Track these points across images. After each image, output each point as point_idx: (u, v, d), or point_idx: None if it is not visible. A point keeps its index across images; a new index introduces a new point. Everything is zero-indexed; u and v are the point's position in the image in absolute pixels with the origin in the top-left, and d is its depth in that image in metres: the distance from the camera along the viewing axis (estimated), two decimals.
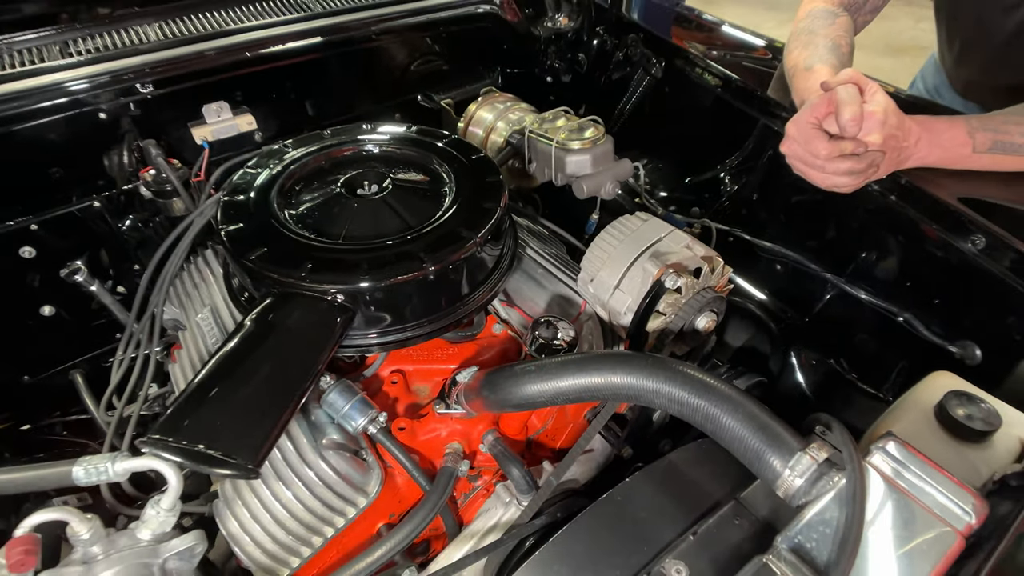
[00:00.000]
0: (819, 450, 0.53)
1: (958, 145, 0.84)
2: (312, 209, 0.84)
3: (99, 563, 0.60)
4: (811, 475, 0.52)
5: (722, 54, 1.23)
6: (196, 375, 0.64)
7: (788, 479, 0.52)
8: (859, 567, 0.46)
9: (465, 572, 0.82)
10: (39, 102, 0.95)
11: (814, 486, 0.52)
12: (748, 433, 0.55)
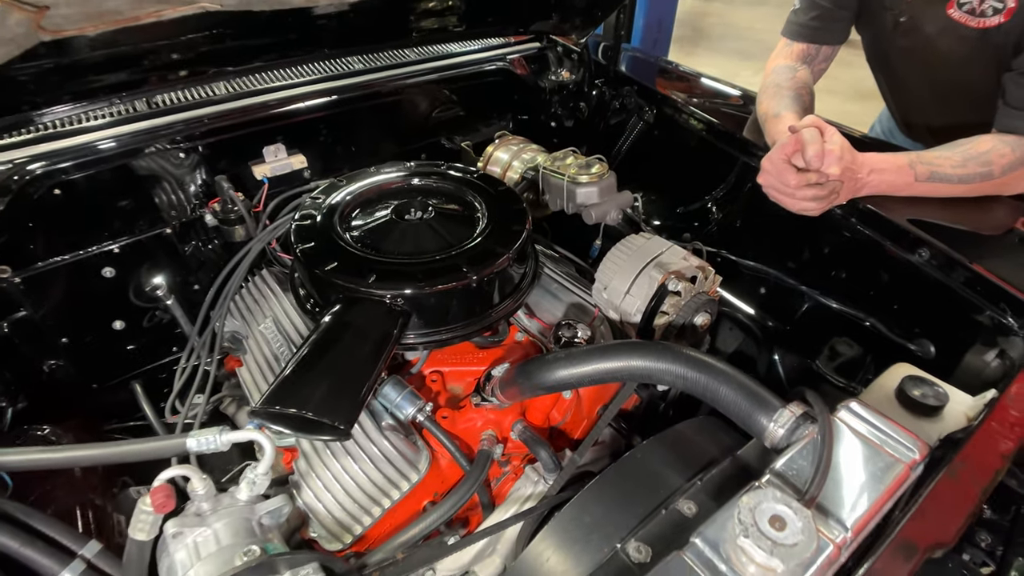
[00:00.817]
0: (796, 407, 0.68)
1: (903, 176, 1.02)
2: (368, 231, 1.00)
3: (210, 516, 0.72)
4: (790, 425, 0.66)
5: (702, 101, 1.42)
6: (289, 361, 0.78)
7: (773, 430, 0.67)
8: (829, 489, 0.60)
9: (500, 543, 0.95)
10: (128, 146, 1.11)
11: (793, 434, 0.66)
12: (740, 398, 0.70)
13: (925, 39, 1.16)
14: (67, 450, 0.75)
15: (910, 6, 1.16)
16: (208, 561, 0.68)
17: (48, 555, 0.72)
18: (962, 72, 1.18)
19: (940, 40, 1.14)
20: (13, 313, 1.09)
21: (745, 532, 0.52)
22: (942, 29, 1.12)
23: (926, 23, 1.14)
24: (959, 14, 1.09)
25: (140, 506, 0.67)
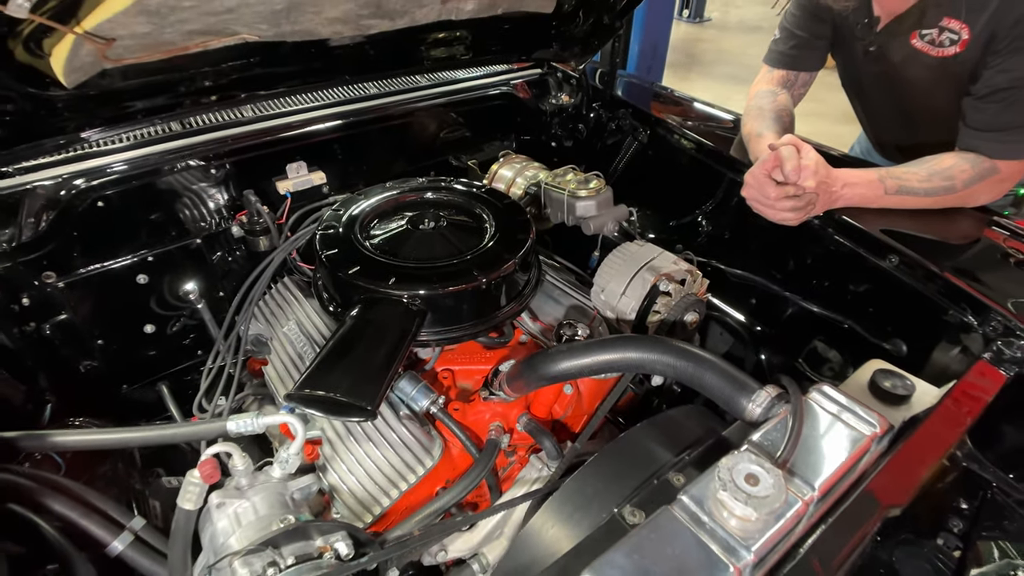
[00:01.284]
0: (772, 389, 0.76)
1: (874, 189, 1.13)
2: (386, 239, 1.09)
3: (248, 491, 0.80)
4: (767, 404, 0.75)
5: (693, 123, 1.53)
6: (319, 353, 0.87)
7: (751, 408, 0.75)
8: (799, 456, 0.68)
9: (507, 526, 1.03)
10: (164, 163, 1.21)
11: (769, 411, 0.75)
12: (723, 382, 0.79)
13: (892, 67, 1.28)
14: (120, 432, 0.83)
15: (878, 36, 1.27)
16: (248, 528, 0.76)
17: (102, 526, 0.79)
18: (926, 97, 1.29)
19: (906, 68, 1.25)
20: (55, 316, 1.18)
21: (724, 487, 0.60)
22: (906, 57, 1.23)
23: (893, 52, 1.25)
24: (921, 44, 1.20)
25: (188, 478, 0.75)
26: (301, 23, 0.96)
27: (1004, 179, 1.14)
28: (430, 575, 1.04)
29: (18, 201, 1.10)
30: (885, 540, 0.77)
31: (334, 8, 0.95)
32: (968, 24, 1.12)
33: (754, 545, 0.59)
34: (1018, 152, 1.14)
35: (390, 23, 1.09)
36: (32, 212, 1.11)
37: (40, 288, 1.14)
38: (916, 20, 1.18)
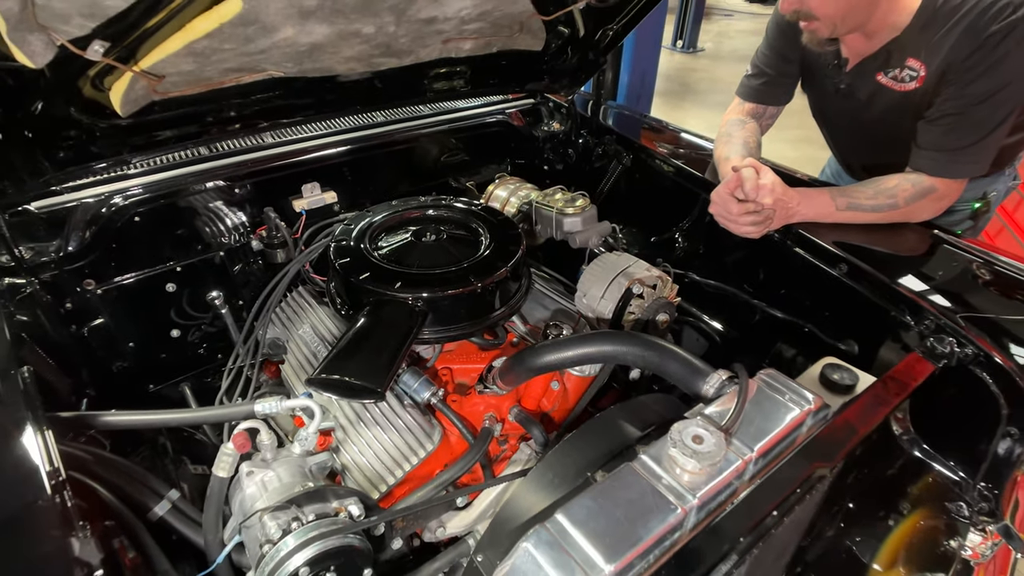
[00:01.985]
0: (724, 372, 0.89)
1: (825, 206, 1.27)
2: (393, 249, 1.23)
3: (273, 463, 0.92)
4: (719, 384, 0.88)
5: (672, 148, 1.69)
6: (335, 345, 1.00)
7: (706, 388, 0.88)
8: (743, 426, 0.81)
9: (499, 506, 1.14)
10: (192, 183, 1.35)
11: (721, 391, 0.87)
12: (683, 367, 0.92)
13: (860, 100, 1.42)
14: (163, 413, 0.95)
15: (848, 75, 1.42)
16: (273, 493, 0.88)
17: (144, 494, 0.91)
18: (889, 125, 1.43)
19: (872, 101, 1.39)
20: (93, 320, 1.31)
21: (675, 445, 0.73)
22: (873, 92, 1.37)
23: (861, 88, 1.40)
24: (886, 80, 1.34)
25: (223, 449, 0.87)
26: (321, 62, 1.11)
27: (942, 197, 1.28)
28: (429, 551, 1.15)
29: (65, 216, 1.23)
30: (840, 517, 0.90)
31: (350, 49, 1.10)
32: (925, 63, 1.27)
33: (698, 492, 0.71)
34: (955, 172, 1.28)
35: (397, 61, 1.24)
36: (77, 226, 1.25)
37: (81, 294, 1.28)
38: (883, 61, 1.33)
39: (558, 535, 0.66)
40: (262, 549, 0.80)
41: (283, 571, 0.77)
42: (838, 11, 1.23)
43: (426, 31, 1.14)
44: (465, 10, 1.11)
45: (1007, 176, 1.65)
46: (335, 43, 1.06)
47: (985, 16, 1.17)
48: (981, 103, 1.23)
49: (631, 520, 0.68)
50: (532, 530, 0.67)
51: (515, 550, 0.66)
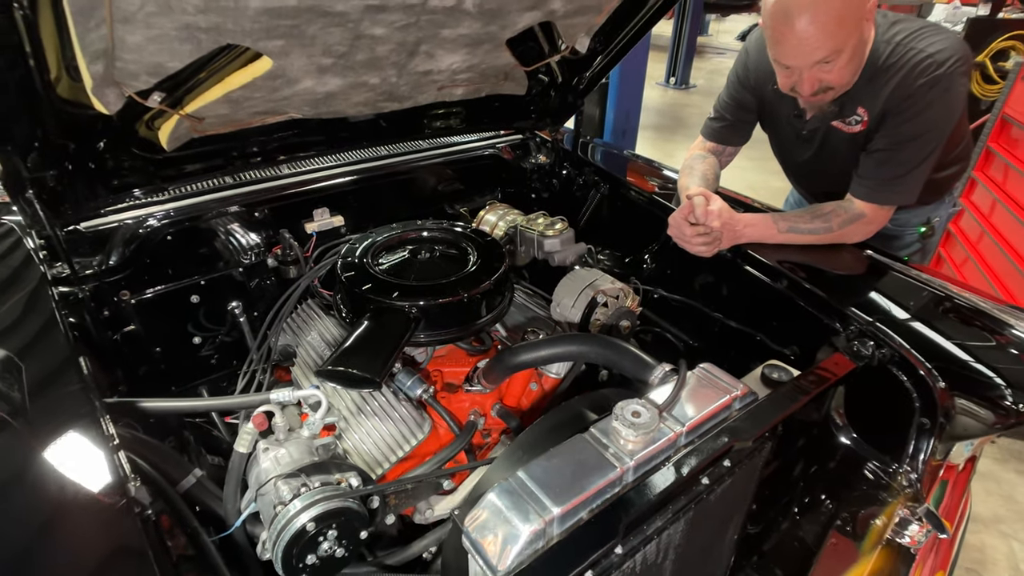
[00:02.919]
0: (668, 365, 1.06)
1: (769, 229, 1.45)
2: (392, 265, 1.41)
3: (285, 443, 1.08)
4: (663, 375, 1.04)
5: (643, 179, 1.88)
6: (340, 344, 1.17)
7: (652, 378, 1.05)
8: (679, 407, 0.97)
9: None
10: (217, 207, 1.54)
11: (664, 380, 1.04)
12: (634, 362, 1.09)
13: (819, 142, 1.61)
14: (193, 400, 1.12)
15: (809, 123, 1.60)
16: (285, 467, 1.03)
17: (173, 470, 1.07)
18: (842, 161, 1.60)
19: (827, 142, 1.59)
20: (126, 326, 1.48)
21: (617, 419, 0.89)
22: (828, 135, 1.57)
23: (819, 133, 1.59)
24: (838, 124, 1.54)
25: (244, 428, 1.04)
26: (334, 106, 1.31)
27: (870, 222, 1.47)
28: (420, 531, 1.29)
29: (107, 235, 1.42)
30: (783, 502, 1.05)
31: (358, 96, 1.30)
32: (868, 109, 1.47)
33: (635, 456, 0.87)
34: (884, 200, 1.47)
35: (399, 105, 1.44)
36: (117, 244, 1.43)
37: (117, 303, 1.45)
38: (836, 112, 1.52)
39: (518, 487, 0.82)
40: (275, 510, 0.95)
41: (292, 526, 0.93)
42: (850, 77, 1.40)
43: (423, 81, 1.35)
44: (456, 63, 1.31)
45: (947, 204, 1.84)
46: (346, 92, 1.26)
47: (915, 72, 1.36)
48: (909, 142, 1.42)
49: (578, 476, 0.84)
50: (496, 483, 0.83)
51: (483, 500, 0.82)
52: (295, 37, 0.97)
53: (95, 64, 0.85)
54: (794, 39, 1.26)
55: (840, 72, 1.34)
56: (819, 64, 1.31)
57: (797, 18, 1.23)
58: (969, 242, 3.24)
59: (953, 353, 1.20)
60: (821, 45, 1.26)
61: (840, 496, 1.29)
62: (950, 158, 1.66)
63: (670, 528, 0.92)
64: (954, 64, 1.33)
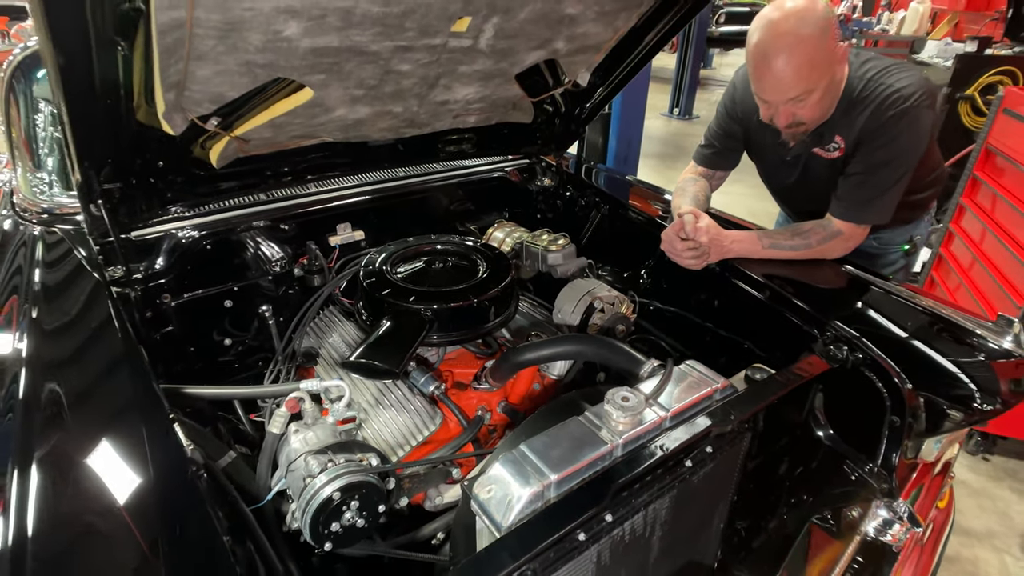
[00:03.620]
0: (656, 360, 1.19)
1: (753, 244, 1.58)
2: (409, 274, 1.55)
3: (313, 426, 1.21)
4: (651, 369, 1.17)
5: (640, 201, 2.03)
6: (362, 341, 1.30)
7: (642, 372, 1.17)
8: (665, 396, 1.09)
9: None
10: (250, 221, 1.70)
11: (653, 374, 1.16)
12: (626, 358, 1.21)
13: (802, 167, 1.75)
14: (230, 388, 1.25)
15: (792, 151, 1.73)
16: (313, 446, 1.16)
17: (213, 449, 1.20)
18: (824, 184, 1.70)
19: (810, 167, 1.72)
20: (165, 327, 1.62)
21: (608, 403, 1.01)
22: (810, 161, 1.70)
23: (801, 159, 1.73)
24: (819, 150, 1.67)
25: (277, 412, 1.17)
26: (361, 131, 1.48)
27: (848, 239, 1.60)
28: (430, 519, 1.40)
29: (153, 244, 1.57)
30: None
31: (383, 123, 1.46)
32: (844, 137, 1.61)
33: (624, 435, 0.99)
34: (860, 219, 1.60)
35: (418, 131, 1.61)
36: (161, 252, 1.58)
37: (159, 306, 1.60)
38: (817, 139, 1.65)
39: (520, 457, 0.94)
40: (304, 482, 1.08)
41: (320, 495, 1.05)
42: (823, 112, 1.54)
43: (441, 110, 1.51)
44: (470, 95, 1.47)
45: (926, 223, 1.97)
46: (373, 119, 1.42)
47: (884, 104, 1.51)
48: (881, 167, 1.56)
49: (573, 450, 0.96)
50: (501, 454, 0.95)
51: (489, 469, 0.94)
52: (334, 72, 1.13)
53: (169, 93, 1.01)
54: (771, 78, 1.42)
55: (812, 108, 1.48)
56: (793, 101, 1.46)
57: (774, 59, 1.39)
58: (961, 268, 3.35)
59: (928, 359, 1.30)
60: (794, 85, 1.42)
61: (820, 492, 1.40)
62: (925, 182, 1.80)
63: (655, 503, 1.03)
64: (919, 98, 1.48)
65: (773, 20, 1.39)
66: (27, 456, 0.86)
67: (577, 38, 1.39)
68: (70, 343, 1.12)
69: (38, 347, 1.08)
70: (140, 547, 0.79)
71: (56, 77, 0.89)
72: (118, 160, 1.17)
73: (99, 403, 1.01)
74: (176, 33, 0.89)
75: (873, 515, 1.35)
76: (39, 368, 1.04)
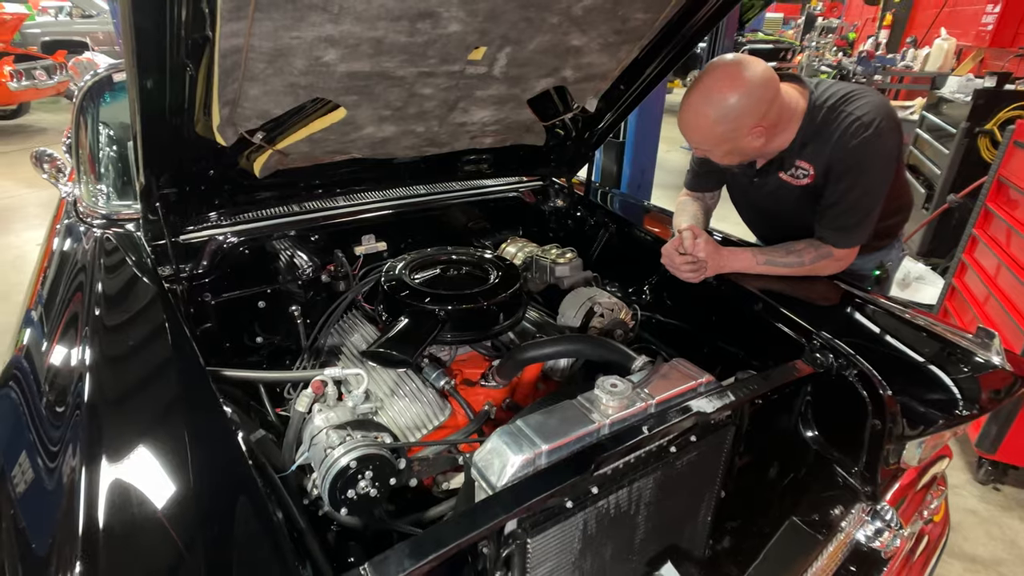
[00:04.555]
0: (647, 356, 1.29)
1: (749, 261, 1.69)
2: (426, 280, 1.69)
3: (333, 407, 1.33)
4: (641, 364, 1.27)
5: (650, 222, 2.15)
6: (382, 335, 1.43)
7: (633, 366, 1.28)
8: (653, 385, 1.19)
9: None
10: (283, 230, 1.87)
11: (643, 368, 1.27)
12: (619, 355, 1.32)
13: (770, 192, 1.84)
14: (263, 371, 1.39)
15: (758, 173, 1.77)
16: (333, 423, 1.29)
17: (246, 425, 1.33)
18: (792, 211, 1.78)
19: (777, 193, 1.81)
20: (205, 324, 1.78)
21: (599, 388, 1.12)
22: (777, 187, 1.79)
23: (769, 183, 1.82)
24: (786, 176, 1.77)
25: (303, 393, 1.30)
26: (387, 148, 1.64)
27: (839, 259, 1.69)
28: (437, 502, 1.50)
29: (198, 247, 1.75)
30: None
31: (407, 141, 1.62)
32: (812, 164, 1.70)
33: (611, 416, 1.09)
34: (847, 243, 1.69)
35: (438, 149, 1.77)
36: (205, 254, 1.76)
37: (200, 304, 1.76)
38: (780, 164, 1.72)
39: (516, 431, 1.05)
40: (325, 452, 1.20)
41: (338, 464, 1.17)
42: (727, 157, 1.65)
43: (459, 131, 1.67)
44: (486, 117, 1.63)
45: (897, 248, 2.03)
46: (398, 137, 1.58)
47: (847, 134, 1.58)
48: (859, 196, 1.63)
49: (564, 426, 1.06)
50: (500, 428, 1.06)
51: (488, 440, 1.06)
52: (366, 94, 1.30)
53: (224, 108, 1.18)
54: (683, 126, 1.58)
55: (721, 159, 1.63)
56: (701, 150, 1.63)
57: (685, 112, 1.55)
58: (976, 301, 3.36)
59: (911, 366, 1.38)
60: (698, 142, 1.60)
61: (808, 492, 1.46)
62: (894, 207, 1.84)
63: (640, 481, 1.13)
64: (880, 123, 1.55)
65: (701, 76, 1.51)
66: (98, 433, 0.98)
67: (583, 67, 1.54)
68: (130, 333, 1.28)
69: (101, 338, 1.23)
70: (202, 513, 0.87)
71: (136, 95, 1.07)
72: (176, 167, 1.34)
73: (159, 383, 1.15)
74: (234, 57, 1.06)
75: (858, 519, 1.42)
76: (105, 353, 1.19)
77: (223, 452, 0.99)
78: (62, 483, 0.91)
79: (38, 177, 2.38)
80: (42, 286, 1.55)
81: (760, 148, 1.62)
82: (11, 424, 1.12)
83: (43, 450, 1.01)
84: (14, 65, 7.94)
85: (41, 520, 0.88)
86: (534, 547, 0.99)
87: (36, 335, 1.38)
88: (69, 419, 1.03)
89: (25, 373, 1.23)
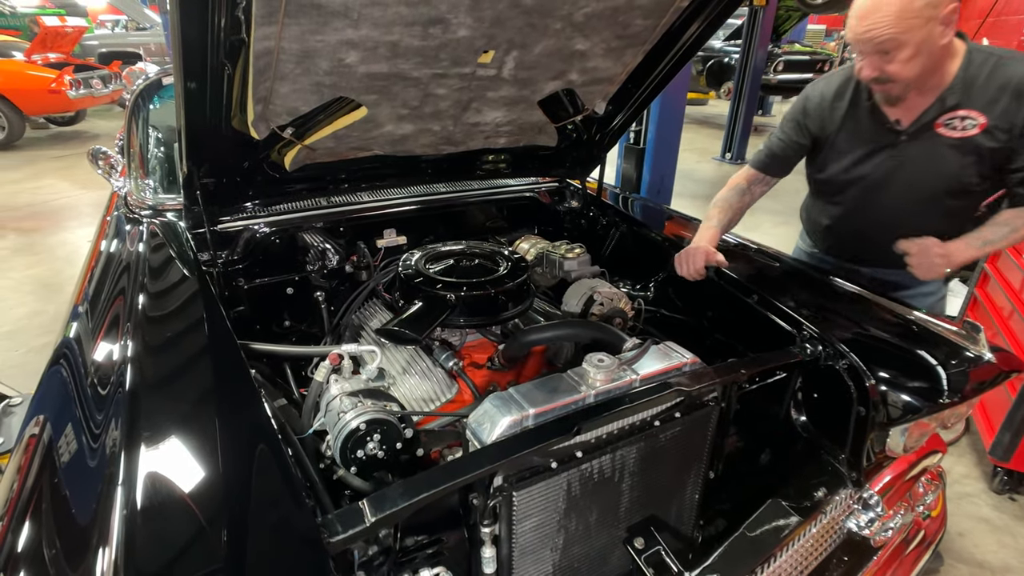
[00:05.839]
0: (638, 340, 1.38)
1: (970, 249, 1.58)
2: (440, 269, 1.81)
3: (349, 378, 1.46)
4: (633, 346, 1.36)
5: (659, 223, 2.23)
6: (397, 316, 1.55)
7: (625, 347, 1.37)
8: (640, 365, 1.27)
9: None
10: (311, 222, 2.02)
11: (633, 349, 1.35)
12: (613, 337, 1.41)
13: (918, 154, 1.58)
14: (288, 346, 1.53)
15: (906, 133, 1.58)
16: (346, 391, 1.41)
17: (268, 393, 1.47)
18: (950, 173, 1.58)
19: (934, 151, 1.56)
20: (237, 307, 1.94)
21: (587, 363, 1.21)
22: (931, 144, 1.55)
23: (918, 145, 1.57)
24: (945, 130, 1.53)
25: (322, 365, 1.43)
26: (407, 146, 1.77)
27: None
28: None
29: (233, 236, 1.91)
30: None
31: (425, 139, 1.75)
32: (985, 113, 1.49)
33: (596, 387, 1.18)
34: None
35: (455, 148, 1.89)
36: (239, 242, 1.92)
37: (234, 288, 1.92)
38: (939, 110, 1.53)
39: (508, 397, 1.16)
40: (338, 416, 1.32)
41: (349, 425, 1.28)
42: (912, 75, 1.44)
43: (473, 131, 1.79)
44: (498, 118, 1.75)
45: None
46: (416, 135, 1.71)
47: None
48: None
49: (552, 394, 1.16)
50: (493, 394, 1.17)
51: (482, 404, 1.16)
52: (384, 93, 1.43)
53: (258, 105, 1.33)
54: (870, 8, 1.38)
55: (906, 63, 1.41)
56: (880, 54, 1.41)
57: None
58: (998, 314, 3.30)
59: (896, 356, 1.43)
60: (889, 24, 1.36)
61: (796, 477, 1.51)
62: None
63: (623, 450, 1.21)
64: None
65: None
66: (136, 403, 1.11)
67: (589, 71, 1.65)
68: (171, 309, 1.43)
69: (147, 311, 1.38)
70: (228, 460, 0.98)
71: (182, 92, 1.22)
72: (215, 158, 1.50)
73: (195, 352, 1.30)
74: (267, 58, 1.20)
75: (845, 506, 1.46)
76: (149, 323, 1.34)
77: (250, 411, 1.11)
78: (107, 428, 1.04)
79: (92, 179, 2.61)
80: (96, 264, 1.73)
81: (941, 55, 1.46)
82: (61, 396, 1.24)
83: (87, 401, 1.15)
84: (73, 75, 8.48)
85: (82, 478, 0.97)
86: (519, 500, 1.09)
87: (88, 312, 1.54)
88: (114, 381, 1.17)
89: (77, 341, 1.39)
